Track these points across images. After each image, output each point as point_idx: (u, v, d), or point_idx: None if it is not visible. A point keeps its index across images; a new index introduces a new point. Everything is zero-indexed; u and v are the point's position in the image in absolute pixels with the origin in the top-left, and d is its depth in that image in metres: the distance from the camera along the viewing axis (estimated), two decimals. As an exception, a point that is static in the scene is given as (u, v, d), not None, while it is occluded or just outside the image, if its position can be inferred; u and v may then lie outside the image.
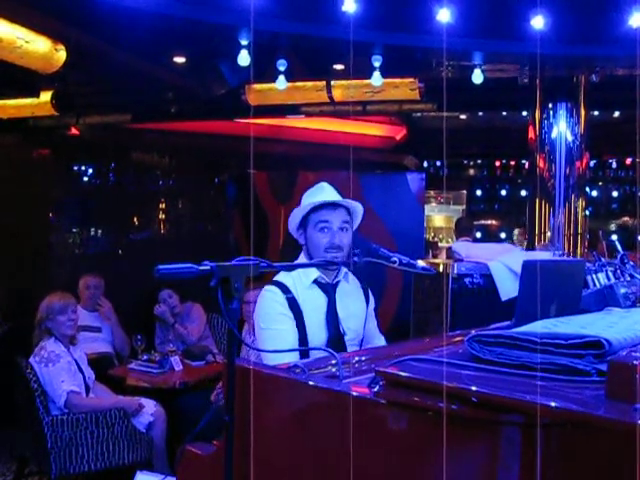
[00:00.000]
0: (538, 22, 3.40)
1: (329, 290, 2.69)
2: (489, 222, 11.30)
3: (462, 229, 6.95)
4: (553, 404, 1.25)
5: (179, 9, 3.46)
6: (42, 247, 6.82)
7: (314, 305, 2.64)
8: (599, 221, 10.39)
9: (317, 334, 2.60)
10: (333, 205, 2.67)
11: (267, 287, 2.65)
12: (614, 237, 10.39)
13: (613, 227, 10.94)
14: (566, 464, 1.31)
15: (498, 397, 1.27)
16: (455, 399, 1.29)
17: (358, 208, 2.75)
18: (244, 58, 3.85)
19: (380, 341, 2.95)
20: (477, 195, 11.27)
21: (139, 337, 5.45)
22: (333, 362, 1.86)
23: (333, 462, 1.52)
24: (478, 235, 10.83)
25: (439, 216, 10.95)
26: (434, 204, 10.77)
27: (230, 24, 3.57)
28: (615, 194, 10.95)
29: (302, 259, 2.75)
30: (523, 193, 10.98)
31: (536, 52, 3.71)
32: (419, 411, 1.34)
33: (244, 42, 3.75)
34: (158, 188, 7.78)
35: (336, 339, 2.62)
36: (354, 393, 1.43)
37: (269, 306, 2.61)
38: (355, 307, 2.77)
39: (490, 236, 10.87)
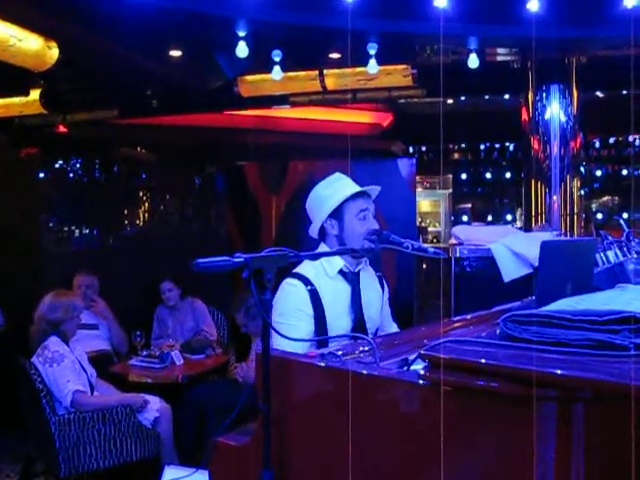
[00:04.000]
0: (533, 5, 3.42)
1: (353, 279, 2.68)
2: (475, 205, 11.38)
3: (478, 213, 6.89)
4: (596, 377, 1.28)
5: (173, 2, 3.43)
6: (33, 246, 6.76)
7: (337, 295, 2.63)
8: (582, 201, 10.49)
9: (339, 324, 2.60)
10: (365, 193, 2.70)
11: (288, 280, 2.62)
12: (599, 216, 10.53)
13: (594, 207, 11.04)
14: (609, 437, 1.35)
15: (544, 374, 1.30)
16: (502, 378, 1.32)
17: (376, 193, 2.78)
18: (242, 50, 3.83)
19: (391, 326, 2.98)
20: (462, 179, 11.34)
21: (138, 333, 5.45)
22: (361, 348, 1.88)
23: (378, 448, 1.54)
24: (464, 218, 10.90)
25: (426, 201, 10.97)
26: (420, 189, 10.78)
27: (226, 16, 3.55)
28: (599, 173, 11.07)
29: (325, 249, 2.72)
30: (507, 175, 11.07)
31: (529, 35, 3.73)
32: (468, 392, 1.37)
33: (242, 34, 3.74)
34: (149, 183, 7.73)
35: (359, 327, 2.63)
36: (401, 377, 1.45)
37: (288, 300, 2.58)
38: (373, 295, 2.79)
39: (475, 218, 10.93)
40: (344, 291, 2.67)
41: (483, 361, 1.34)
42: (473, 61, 4.16)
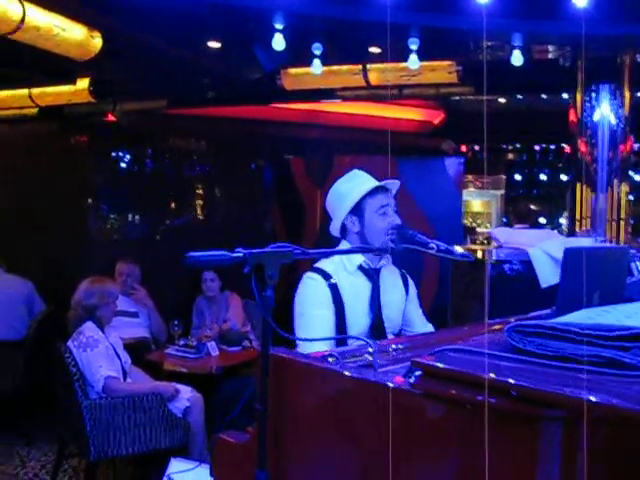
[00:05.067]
0: (581, 0, 3.28)
1: (373, 275, 2.65)
2: (528, 207, 11.10)
3: (520, 215, 6.75)
4: (599, 399, 1.19)
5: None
6: (81, 234, 6.90)
7: (357, 291, 2.61)
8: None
9: (358, 321, 2.57)
10: (385, 188, 2.67)
11: (308, 274, 2.62)
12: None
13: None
14: (610, 463, 1.26)
15: (540, 391, 1.22)
16: (495, 392, 1.25)
17: (397, 187, 2.74)
18: (279, 42, 3.80)
19: (425, 326, 2.92)
20: (516, 180, 11.08)
21: (176, 322, 5.50)
22: (370, 350, 1.83)
23: (367, 453, 1.49)
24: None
25: (477, 201, 10.78)
26: (472, 189, 10.60)
27: (265, 7, 3.53)
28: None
29: (346, 245, 2.70)
30: (563, 178, 10.76)
31: (578, 32, 3.59)
32: (456, 404, 1.30)
33: (279, 26, 3.71)
34: (195, 174, 7.81)
35: (377, 326, 2.60)
36: (389, 384, 1.40)
37: (309, 292, 2.59)
38: (395, 294, 2.75)
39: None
40: (364, 287, 2.65)
41: (474, 373, 1.27)
42: (517, 58, 4.02)
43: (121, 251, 6.43)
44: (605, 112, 4.52)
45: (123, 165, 7.40)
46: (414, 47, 3.96)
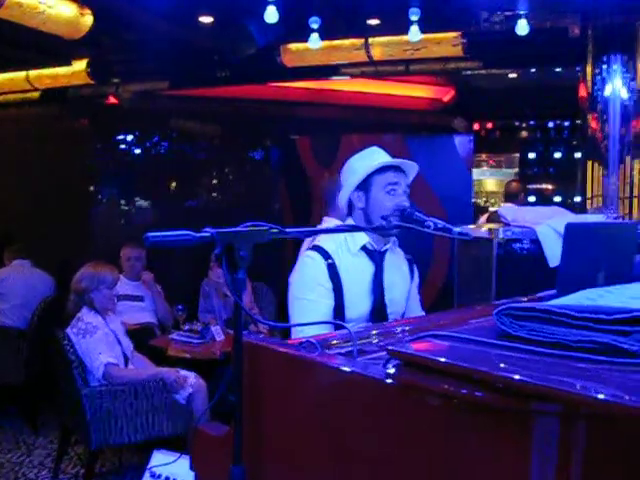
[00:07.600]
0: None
1: (376, 258, 2.54)
2: (543, 186, 10.88)
3: (511, 193, 6.68)
4: (593, 392, 1.06)
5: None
6: (84, 218, 6.83)
7: (357, 273, 2.50)
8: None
9: (359, 303, 2.47)
10: (397, 168, 2.55)
11: (307, 252, 2.52)
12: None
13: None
14: (609, 463, 1.14)
15: (528, 383, 1.09)
16: (478, 384, 1.12)
17: (414, 171, 2.61)
18: (272, 15, 3.64)
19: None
20: (530, 158, 10.83)
21: (180, 307, 5.41)
22: (362, 337, 1.73)
23: (344, 446, 1.38)
24: (532, 199, 10.42)
25: (491, 180, 10.58)
26: (485, 168, 10.40)
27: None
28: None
29: (350, 223, 2.59)
30: (579, 155, 10.48)
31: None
32: (436, 397, 1.18)
33: (271, -3, 3.56)
34: (201, 156, 7.70)
35: (379, 310, 2.48)
36: (363, 373, 1.28)
37: (306, 274, 2.48)
38: (400, 278, 2.64)
39: (545, 200, 10.47)
40: (366, 269, 2.53)
41: (455, 363, 1.14)
42: (522, 27, 3.83)
43: (126, 236, 6.34)
44: (617, 86, 4.30)
45: (127, 148, 7.30)
46: (415, 18, 3.78)
